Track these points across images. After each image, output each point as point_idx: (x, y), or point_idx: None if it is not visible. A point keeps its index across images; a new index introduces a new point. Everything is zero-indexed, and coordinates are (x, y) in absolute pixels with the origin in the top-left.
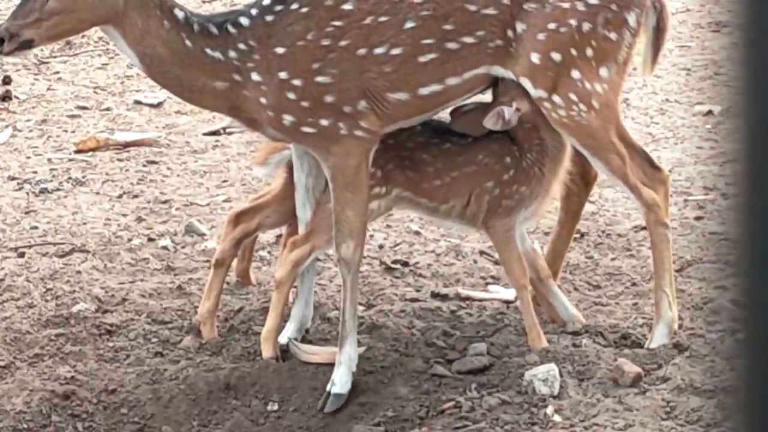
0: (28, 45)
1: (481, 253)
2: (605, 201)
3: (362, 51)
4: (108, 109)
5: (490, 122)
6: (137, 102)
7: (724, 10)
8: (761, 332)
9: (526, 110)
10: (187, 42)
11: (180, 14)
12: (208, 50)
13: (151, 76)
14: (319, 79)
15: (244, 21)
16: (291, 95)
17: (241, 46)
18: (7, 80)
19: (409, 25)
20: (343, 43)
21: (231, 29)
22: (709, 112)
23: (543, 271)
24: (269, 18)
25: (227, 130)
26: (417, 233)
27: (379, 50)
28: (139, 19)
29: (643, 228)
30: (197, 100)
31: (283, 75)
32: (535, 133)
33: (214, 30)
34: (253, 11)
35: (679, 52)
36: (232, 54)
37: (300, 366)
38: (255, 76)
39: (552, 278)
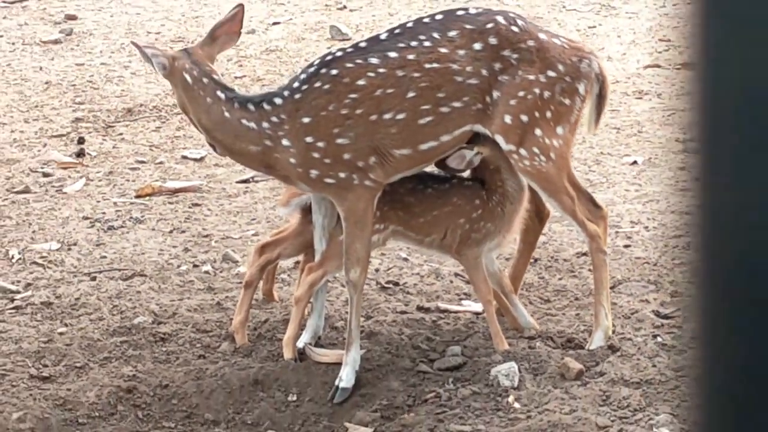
0: None
1: (456, 274)
2: (554, 233)
3: (374, 117)
4: (161, 162)
5: (454, 163)
6: (184, 157)
7: (645, 82)
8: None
9: (488, 154)
10: (227, 114)
11: (227, 94)
12: (244, 121)
13: (214, 144)
14: (339, 141)
15: (278, 101)
16: (316, 155)
17: (274, 119)
18: (81, 140)
19: (410, 95)
20: (358, 111)
21: (266, 106)
22: (634, 162)
23: (507, 287)
24: (297, 96)
25: (256, 179)
26: (405, 259)
27: (387, 116)
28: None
29: (584, 254)
30: (240, 161)
31: (309, 139)
32: (497, 174)
33: (251, 107)
34: (286, 93)
35: (610, 114)
36: (265, 125)
37: (314, 365)
38: (285, 142)
39: (514, 293)
